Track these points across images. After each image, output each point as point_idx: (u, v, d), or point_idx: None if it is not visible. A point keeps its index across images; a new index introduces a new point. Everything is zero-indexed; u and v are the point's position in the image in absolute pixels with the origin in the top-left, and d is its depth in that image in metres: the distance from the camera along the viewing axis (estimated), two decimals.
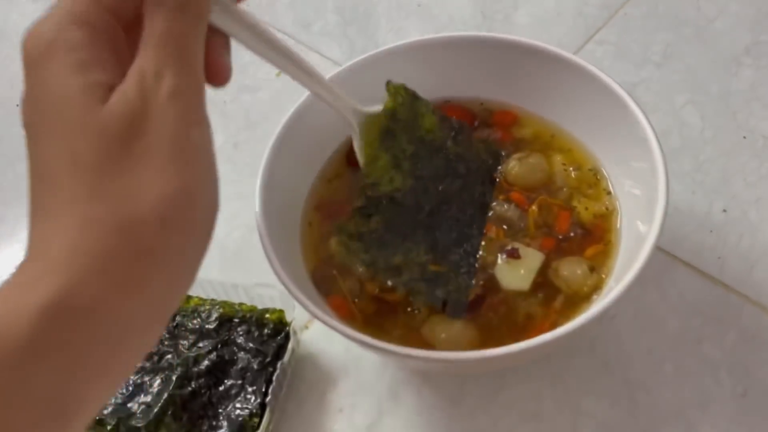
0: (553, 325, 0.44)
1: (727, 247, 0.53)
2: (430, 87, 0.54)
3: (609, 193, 0.49)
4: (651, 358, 0.49)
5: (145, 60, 0.26)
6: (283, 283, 0.42)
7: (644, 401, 0.47)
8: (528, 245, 0.47)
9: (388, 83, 0.45)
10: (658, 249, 0.52)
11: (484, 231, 0.47)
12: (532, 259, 0.46)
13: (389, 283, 0.44)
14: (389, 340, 0.44)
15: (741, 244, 0.53)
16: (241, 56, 0.71)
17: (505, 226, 0.48)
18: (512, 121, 0.54)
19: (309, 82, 0.40)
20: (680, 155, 0.59)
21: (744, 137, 0.59)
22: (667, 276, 0.52)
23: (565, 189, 0.49)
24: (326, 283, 0.48)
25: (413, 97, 0.46)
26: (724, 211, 0.55)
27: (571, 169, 0.50)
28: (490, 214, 0.48)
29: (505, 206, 0.49)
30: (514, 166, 0.50)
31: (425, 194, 0.45)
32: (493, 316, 0.45)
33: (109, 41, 0.26)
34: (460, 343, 0.43)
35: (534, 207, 0.48)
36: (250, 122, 0.67)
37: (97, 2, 0.26)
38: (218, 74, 0.30)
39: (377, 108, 0.45)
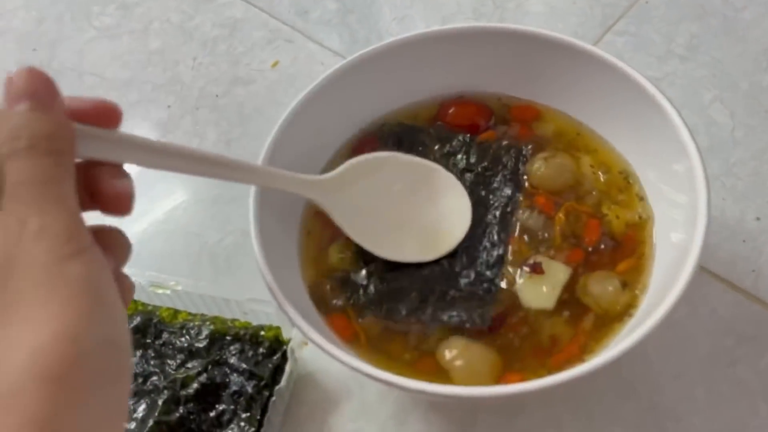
0: (582, 349, 0.40)
1: (762, 258, 0.49)
2: (440, 82, 0.50)
3: (642, 199, 0.45)
4: (681, 383, 0.45)
5: (5, 213, 0.24)
6: (278, 302, 0.38)
7: (673, 430, 0.43)
8: (552, 258, 0.43)
9: None
10: None
11: (508, 242, 0.43)
12: (557, 273, 0.42)
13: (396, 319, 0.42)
14: (398, 366, 0.40)
15: None
16: (234, 47, 0.67)
17: (526, 237, 0.44)
18: (533, 116, 0.50)
19: (244, 176, 0.36)
20: (708, 157, 0.54)
21: None
22: (698, 290, 0.48)
23: (594, 193, 0.45)
24: (327, 300, 0.43)
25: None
26: (758, 219, 0.51)
27: (600, 172, 0.46)
28: (514, 221, 0.44)
29: (527, 213, 0.44)
30: (539, 167, 0.46)
31: None
32: (515, 337, 0.41)
33: None
34: (479, 369, 0.39)
35: (561, 214, 0.44)
36: (243, 117, 0.62)
37: None
38: (115, 203, 0.28)
39: (336, 171, 0.41)
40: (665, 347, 0.46)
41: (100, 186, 0.28)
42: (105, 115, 0.28)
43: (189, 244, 0.55)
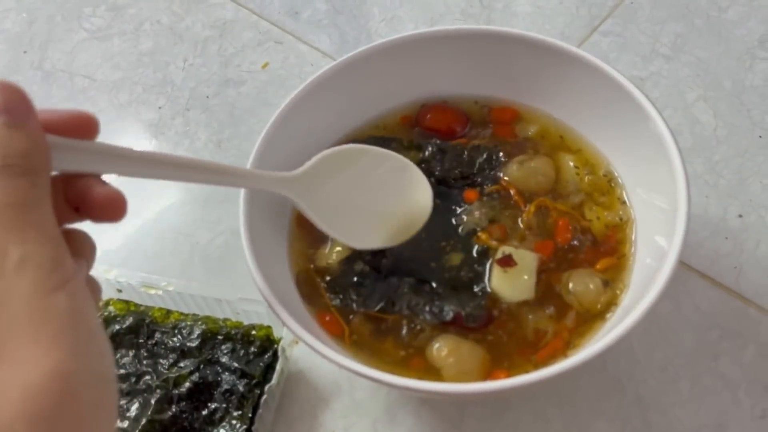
0: (566, 345, 0.41)
1: (744, 254, 0.50)
2: (424, 84, 0.51)
3: (624, 202, 0.46)
4: (665, 376, 0.46)
5: None
6: (269, 303, 0.38)
7: (658, 423, 0.44)
8: (517, 248, 0.43)
9: None
10: None
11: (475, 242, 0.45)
12: (527, 261, 0.43)
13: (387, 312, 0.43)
14: (388, 363, 0.41)
15: (759, 251, 0.50)
16: (225, 48, 0.68)
17: (496, 230, 0.45)
18: (512, 118, 0.50)
19: (217, 178, 0.35)
20: (692, 156, 0.55)
21: (760, 136, 0.56)
22: (681, 286, 0.49)
23: (576, 194, 0.46)
24: (316, 297, 0.44)
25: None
26: (740, 216, 0.52)
27: (584, 173, 0.47)
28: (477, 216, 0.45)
29: (495, 205, 0.46)
30: (515, 170, 0.47)
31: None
32: (502, 334, 0.42)
33: None
34: (469, 366, 0.40)
35: (531, 207, 0.45)
36: (234, 118, 0.63)
37: None
38: (108, 210, 0.27)
39: (305, 166, 0.40)
40: (650, 342, 0.47)
41: (89, 195, 0.27)
42: (82, 127, 0.28)
43: (180, 244, 0.55)
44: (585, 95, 0.47)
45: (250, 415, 0.43)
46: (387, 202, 0.43)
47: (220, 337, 0.46)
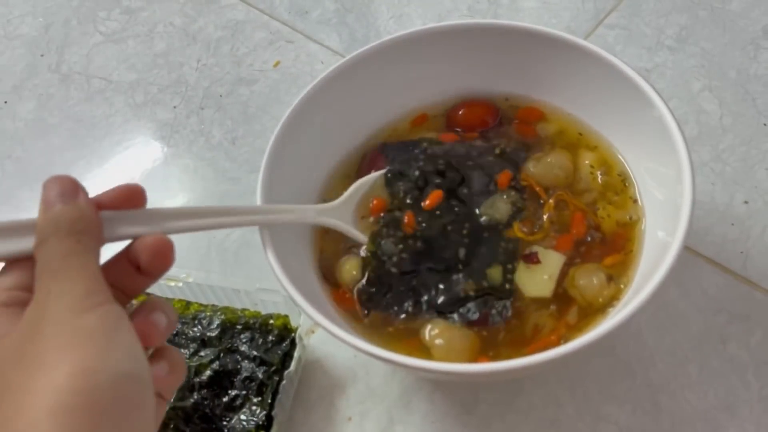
0: (561, 337, 0.42)
1: (750, 240, 0.51)
2: (440, 82, 0.52)
3: (635, 201, 0.46)
4: (674, 359, 0.47)
5: (36, 290, 0.28)
6: (288, 292, 0.40)
7: (667, 405, 0.45)
8: (544, 245, 0.44)
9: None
10: None
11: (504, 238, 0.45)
12: (552, 262, 0.43)
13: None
14: (401, 348, 0.42)
15: (765, 236, 0.51)
16: (237, 48, 0.69)
17: (518, 223, 0.46)
18: (538, 117, 0.51)
19: (263, 219, 0.40)
20: (698, 144, 0.56)
21: (765, 124, 0.57)
22: (689, 272, 0.50)
23: (589, 193, 0.47)
24: (333, 276, 0.46)
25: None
26: (746, 202, 0.53)
27: (598, 173, 0.47)
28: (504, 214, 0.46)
29: (516, 197, 0.46)
30: (531, 167, 0.48)
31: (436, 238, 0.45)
32: (503, 328, 0.43)
33: (20, 307, 0.29)
34: (460, 349, 0.41)
35: (551, 201, 0.46)
36: (247, 116, 0.64)
37: None
38: (154, 257, 0.31)
39: (345, 194, 0.46)
40: (659, 327, 0.48)
41: (138, 248, 0.31)
42: (132, 198, 0.33)
43: (199, 238, 0.57)
44: (594, 87, 0.47)
45: (269, 401, 0.45)
46: None
47: (239, 327, 0.48)
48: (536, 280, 0.43)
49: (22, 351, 0.26)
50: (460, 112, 0.52)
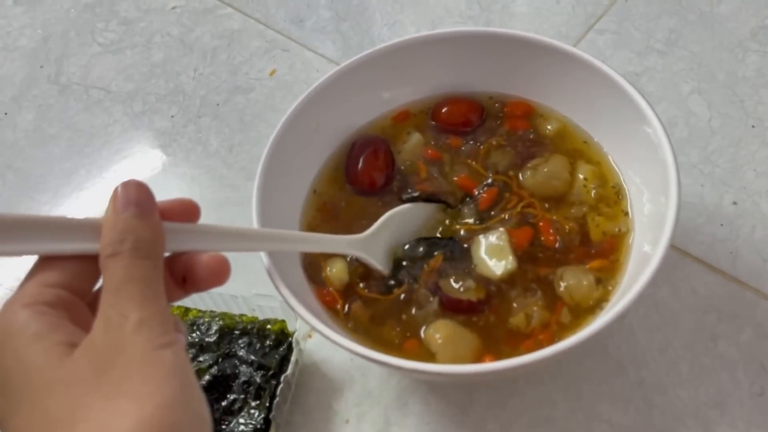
0: (553, 336, 0.43)
1: (739, 240, 0.52)
2: (431, 84, 0.53)
3: (626, 214, 0.47)
4: (665, 358, 0.47)
5: (107, 306, 0.28)
6: (284, 298, 0.41)
7: (660, 403, 0.46)
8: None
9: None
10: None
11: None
12: (497, 237, 0.46)
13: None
14: (388, 351, 0.43)
15: (753, 236, 0.52)
16: (233, 57, 0.70)
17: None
18: (527, 111, 0.52)
19: (295, 245, 0.43)
20: (687, 146, 0.57)
21: (753, 126, 0.57)
22: (679, 272, 0.50)
23: (580, 206, 0.48)
24: (318, 274, 0.47)
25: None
26: (735, 203, 0.54)
27: (591, 186, 0.48)
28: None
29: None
30: (528, 177, 0.49)
31: None
32: (496, 320, 0.44)
33: (64, 309, 0.29)
34: (462, 353, 0.42)
35: (519, 207, 0.48)
36: (244, 124, 0.65)
37: (41, 285, 0.29)
38: (211, 275, 0.32)
39: (373, 227, 0.46)
40: (650, 326, 0.49)
41: (196, 265, 0.32)
42: (187, 212, 0.33)
43: None
44: (585, 93, 0.49)
45: (267, 404, 0.46)
46: (411, 231, 0.49)
47: (236, 332, 0.49)
48: (496, 257, 0.45)
49: (102, 372, 0.27)
50: (444, 110, 0.53)
